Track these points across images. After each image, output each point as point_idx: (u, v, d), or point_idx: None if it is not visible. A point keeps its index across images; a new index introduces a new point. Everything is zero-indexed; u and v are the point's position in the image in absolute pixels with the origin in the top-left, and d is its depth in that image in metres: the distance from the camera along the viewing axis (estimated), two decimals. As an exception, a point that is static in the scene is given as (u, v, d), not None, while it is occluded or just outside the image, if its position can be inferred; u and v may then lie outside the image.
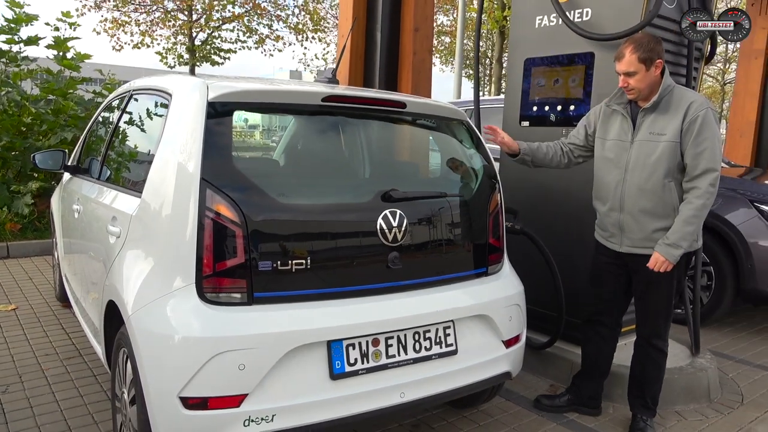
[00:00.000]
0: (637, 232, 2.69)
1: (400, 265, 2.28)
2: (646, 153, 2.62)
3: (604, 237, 2.87)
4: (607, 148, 2.78)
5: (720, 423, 3.13)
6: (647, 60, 2.55)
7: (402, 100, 2.47)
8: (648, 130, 2.63)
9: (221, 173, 2.05)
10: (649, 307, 2.82)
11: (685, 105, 2.57)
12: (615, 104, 2.78)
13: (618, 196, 2.72)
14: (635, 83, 2.59)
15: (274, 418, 2.00)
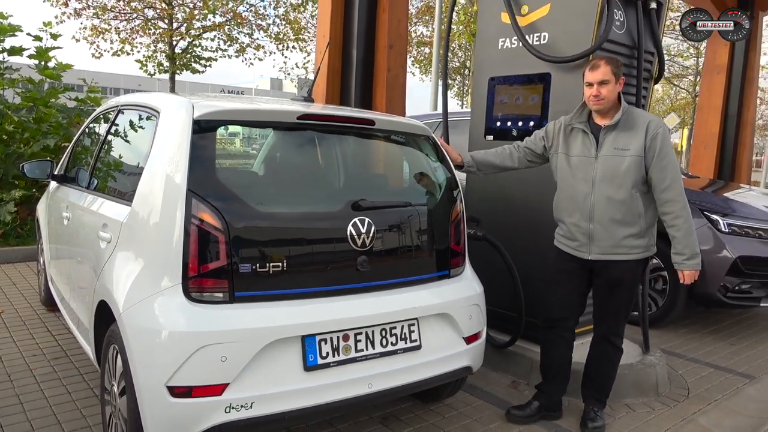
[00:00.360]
0: (607, 239, 2.89)
1: (368, 267, 2.52)
2: (613, 167, 2.84)
3: (572, 247, 3.03)
4: (573, 164, 2.98)
5: (666, 414, 3.40)
6: (616, 74, 2.83)
7: (371, 118, 2.72)
8: (612, 146, 2.86)
9: (205, 184, 2.27)
10: (612, 308, 3.04)
11: (644, 123, 2.84)
12: (576, 122, 3.00)
13: (588, 207, 2.92)
14: (606, 93, 2.82)
15: (253, 405, 2.21)
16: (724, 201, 5.13)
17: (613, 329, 3.07)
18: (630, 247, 2.90)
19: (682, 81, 28.61)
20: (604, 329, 3.09)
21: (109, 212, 2.69)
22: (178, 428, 2.15)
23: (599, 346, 3.13)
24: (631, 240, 2.88)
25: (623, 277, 2.94)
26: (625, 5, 3.62)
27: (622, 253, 2.90)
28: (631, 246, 2.90)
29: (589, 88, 2.85)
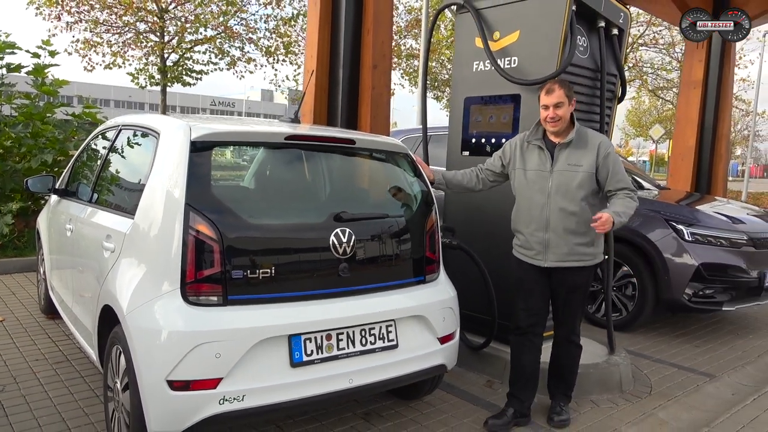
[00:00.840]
0: (562, 247, 3.14)
1: (349, 273, 2.78)
2: (566, 181, 3.11)
3: (529, 255, 3.26)
4: (530, 177, 3.24)
5: (628, 409, 3.67)
6: (569, 96, 3.12)
7: (351, 138, 2.99)
8: (566, 161, 3.13)
9: (202, 199, 2.53)
10: (569, 311, 3.32)
11: (596, 143, 3.14)
12: (533, 139, 3.27)
13: (543, 217, 3.16)
14: (562, 114, 3.10)
15: (244, 397, 2.46)
16: (689, 211, 5.44)
17: (572, 329, 3.35)
18: (582, 254, 3.16)
19: (667, 93, 29.19)
20: (564, 331, 3.36)
21: (112, 224, 2.95)
22: (178, 418, 2.40)
23: (562, 347, 3.40)
24: (583, 248, 3.15)
25: (577, 282, 3.22)
26: (588, 32, 3.93)
27: (575, 260, 3.16)
28: (582, 253, 3.16)
29: (545, 110, 3.12)
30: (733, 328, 5.71)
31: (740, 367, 4.59)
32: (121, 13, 20.32)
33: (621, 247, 5.20)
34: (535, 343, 3.35)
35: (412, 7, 24.04)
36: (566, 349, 3.39)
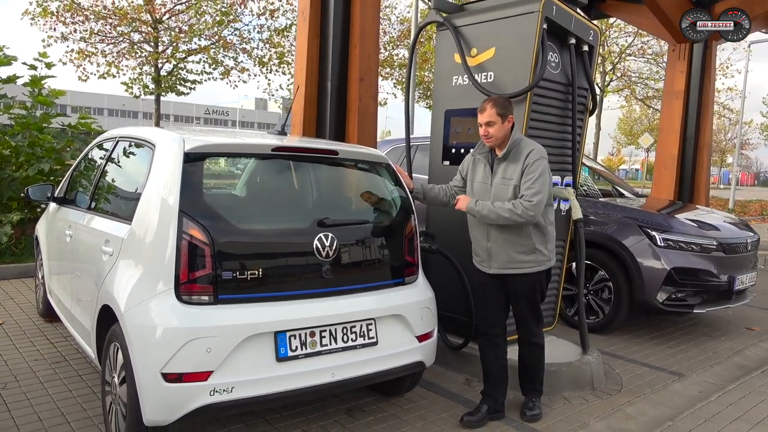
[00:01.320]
0: (503, 255, 3.35)
1: (331, 275, 2.99)
2: (501, 194, 3.30)
3: (478, 262, 3.52)
4: (475, 189, 3.46)
5: (598, 405, 3.89)
6: (503, 115, 3.27)
7: (334, 149, 3.22)
8: (501, 175, 3.32)
9: (194, 206, 2.74)
10: (522, 316, 3.53)
11: (525, 153, 3.26)
12: (478, 154, 3.50)
13: (486, 227, 3.38)
14: (494, 132, 3.28)
15: (233, 389, 2.66)
16: (662, 218, 5.68)
17: (530, 331, 3.55)
18: (521, 262, 3.34)
19: (657, 102, 29.63)
20: (522, 333, 3.58)
21: (110, 230, 3.15)
22: (171, 408, 2.60)
23: (524, 347, 3.61)
24: (522, 256, 3.33)
25: (522, 288, 3.41)
26: (560, 48, 4.18)
27: (515, 267, 3.35)
28: (522, 261, 3.34)
29: (480, 128, 3.33)
30: (706, 330, 5.94)
31: (709, 366, 4.81)
32: (115, 24, 20.53)
33: (597, 253, 5.45)
34: (497, 344, 3.54)
35: (405, 18, 24.40)
36: (528, 349, 3.60)
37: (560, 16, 4.01)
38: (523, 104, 3.97)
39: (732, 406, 3.92)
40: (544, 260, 3.40)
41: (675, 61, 10.60)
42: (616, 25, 21.80)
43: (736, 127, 36.19)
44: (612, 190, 7.01)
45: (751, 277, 5.83)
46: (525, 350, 3.61)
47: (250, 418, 3.38)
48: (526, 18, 3.92)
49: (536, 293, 3.47)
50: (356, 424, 3.41)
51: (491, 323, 3.54)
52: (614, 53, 23.76)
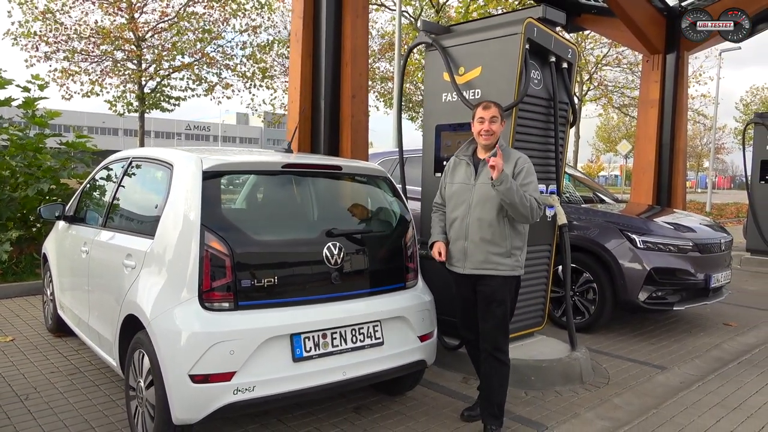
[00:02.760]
0: (478, 255, 3.34)
1: (340, 281, 3.24)
2: (486, 192, 3.31)
3: (452, 263, 3.49)
4: (455, 190, 3.47)
5: (587, 396, 4.16)
6: (502, 116, 3.42)
7: (338, 165, 3.49)
8: (488, 175, 3.25)
9: (214, 220, 2.98)
10: (489, 324, 3.39)
11: (514, 158, 3.39)
12: (462, 155, 3.53)
13: (464, 227, 3.39)
14: (496, 128, 3.37)
15: (255, 388, 2.89)
16: (641, 222, 6.00)
17: (496, 345, 3.39)
18: (497, 264, 3.34)
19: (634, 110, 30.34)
20: (488, 345, 3.40)
21: (131, 245, 3.37)
22: (198, 407, 2.82)
23: (488, 363, 3.42)
24: (498, 258, 3.34)
25: (495, 292, 3.35)
26: (541, 66, 4.49)
27: (491, 268, 3.34)
28: (497, 263, 3.34)
29: (481, 123, 3.37)
30: (687, 327, 6.26)
31: (690, 360, 5.12)
32: (98, 43, 20.64)
33: (582, 256, 5.75)
34: (478, 349, 3.51)
35: (386, 32, 24.86)
36: (491, 366, 3.40)
37: (541, 37, 4.32)
38: (509, 118, 4.25)
39: (711, 395, 4.22)
40: (518, 266, 3.41)
41: (649, 72, 11.03)
42: (591, 36, 22.42)
43: (710, 132, 37.14)
44: (593, 197, 7.34)
45: (726, 276, 6.18)
46: (489, 368, 3.41)
47: (265, 418, 3.59)
48: (509, 39, 4.23)
49: (507, 299, 3.40)
50: (364, 421, 3.64)
51: (471, 327, 3.56)
52: (590, 63, 24.39)
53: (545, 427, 3.60)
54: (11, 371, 4.32)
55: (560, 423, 3.67)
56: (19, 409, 3.65)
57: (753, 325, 6.40)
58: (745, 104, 43.41)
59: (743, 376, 4.65)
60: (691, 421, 3.74)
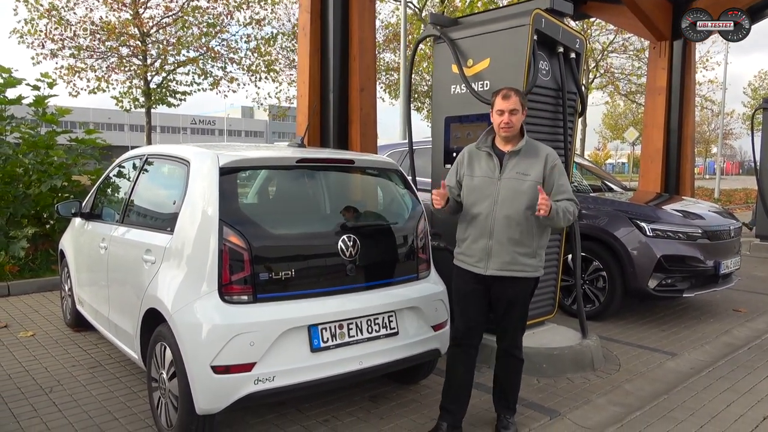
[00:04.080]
0: (504, 256, 3.12)
1: (355, 273, 3.31)
2: (513, 188, 3.11)
3: (470, 263, 3.23)
4: (476, 184, 3.21)
5: (598, 383, 4.22)
6: (524, 105, 3.19)
7: (351, 158, 3.54)
8: (514, 170, 3.14)
9: (232, 215, 3.05)
10: (510, 325, 3.28)
11: (544, 154, 3.19)
12: (483, 146, 3.27)
13: (488, 225, 3.14)
14: (516, 120, 3.14)
15: (275, 378, 2.96)
16: (650, 210, 6.04)
17: (514, 343, 3.31)
18: (523, 265, 3.15)
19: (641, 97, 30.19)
20: (506, 344, 3.32)
21: (151, 240, 3.45)
22: (221, 397, 2.89)
23: (504, 360, 3.36)
24: (524, 258, 3.14)
25: (518, 294, 3.20)
26: (549, 56, 4.52)
27: (517, 270, 3.14)
28: (524, 264, 3.15)
29: (501, 115, 3.15)
30: (697, 313, 6.30)
31: (699, 346, 5.17)
32: (104, 39, 20.71)
33: (591, 244, 5.79)
34: (469, 355, 3.33)
35: (389, 23, 24.81)
36: (507, 363, 3.36)
37: (549, 28, 4.35)
38: (518, 109, 4.29)
39: (721, 380, 4.28)
40: (541, 266, 3.25)
41: (656, 59, 10.98)
42: (597, 23, 22.30)
43: (718, 118, 36.92)
44: (601, 185, 7.38)
45: (735, 262, 6.21)
46: (506, 365, 3.36)
47: (283, 407, 3.67)
48: (518, 31, 4.26)
49: (529, 301, 3.30)
50: (381, 409, 3.72)
51: (472, 333, 3.33)
52: (596, 50, 24.26)
53: (558, 413, 3.66)
54: (34, 365, 4.43)
55: (573, 409, 3.74)
56: (45, 402, 3.75)
57: (763, 310, 6.43)
58: (753, 89, 43.09)
59: (753, 362, 4.70)
60: (702, 406, 3.80)
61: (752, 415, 3.69)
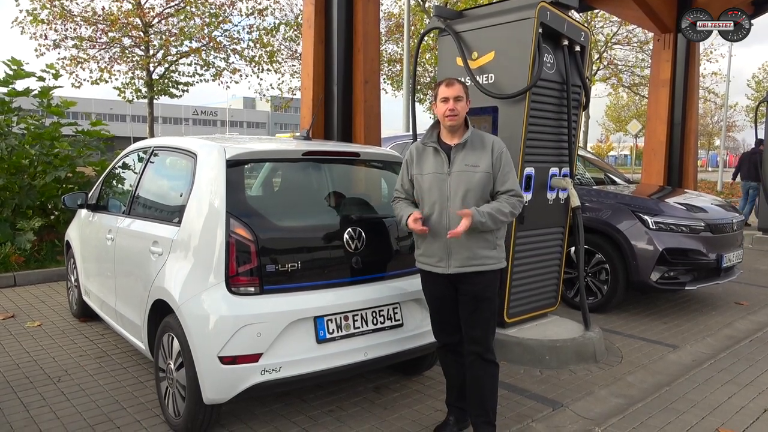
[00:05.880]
0: (464, 251, 2.97)
1: (360, 265, 3.33)
2: (465, 181, 2.96)
3: (431, 263, 3.07)
4: (427, 181, 3.04)
5: (600, 375, 4.26)
6: (467, 94, 3.05)
7: (357, 151, 3.57)
8: (463, 162, 2.98)
9: (239, 207, 3.07)
10: (479, 324, 3.04)
11: (489, 143, 3.03)
12: (429, 142, 3.09)
13: (443, 222, 2.98)
14: (461, 109, 2.98)
15: (281, 369, 3.00)
16: (653, 203, 6.05)
17: (486, 345, 3.06)
18: (485, 258, 3.00)
19: (644, 89, 30.08)
20: (476, 347, 3.06)
21: (158, 232, 3.47)
22: (228, 388, 2.93)
23: (476, 365, 3.08)
24: (485, 251, 2.99)
25: (482, 290, 3.02)
26: (554, 49, 4.52)
27: (478, 264, 2.99)
28: (485, 257, 3.00)
29: (445, 102, 2.98)
30: (699, 306, 6.33)
31: (701, 338, 5.20)
32: (106, 30, 20.68)
33: (594, 237, 5.82)
34: (460, 353, 3.20)
35: (391, 13, 24.71)
36: (481, 368, 3.07)
37: (554, 21, 4.35)
38: (523, 102, 4.31)
39: (723, 372, 4.31)
40: (502, 257, 3.09)
41: (660, 51, 10.94)
42: (602, 15, 22.19)
43: (722, 110, 36.78)
44: (604, 178, 7.39)
45: (737, 255, 6.23)
46: (477, 370, 3.08)
47: (289, 397, 3.71)
48: (523, 23, 4.26)
49: (495, 295, 3.09)
50: (385, 399, 3.76)
51: (449, 331, 3.21)
52: (600, 42, 24.17)
53: (560, 405, 3.70)
54: (42, 355, 4.47)
55: (575, 400, 3.77)
56: (53, 391, 3.80)
57: (764, 303, 6.46)
58: (757, 81, 42.89)
59: (755, 354, 4.73)
60: (704, 398, 3.83)
61: (753, 407, 3.73)
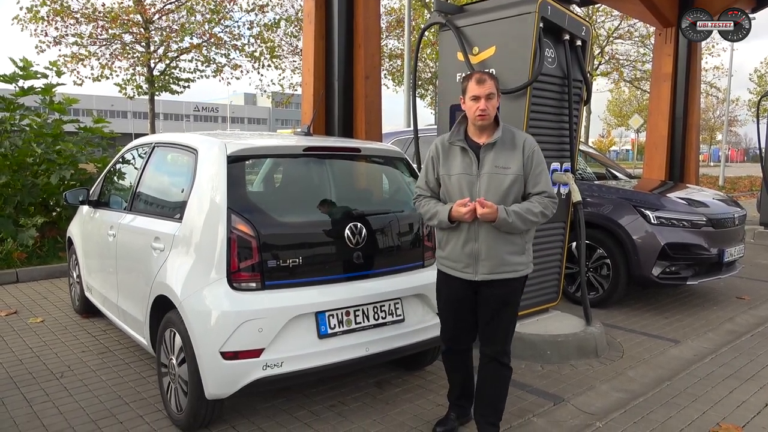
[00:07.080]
0: (493, 258, 2.84)
1: (362, 260, 3.34)
2: (495, 184, 2.82)
3: (457, 269, 2.95)
4: (455, 183, 2.90)
5: (602, 370, 4.26)
6: (499, 90, 2.91)
7: (358, 147, 3.56)
8: (493, 163, 2.83)
9: (240, 203, 3.08)
10: (500, 329, 2.97)
11: (520, 142, 2.88)
12: (456, 140, 2.93)
13: (473, 227, 2.85)
14: (492, 107, 2.82)
15: (282, 364, 3.01)
16: (654, 197, 6.05)
17: (503, 349, 3.00)
18: (514, 264, 2.89)
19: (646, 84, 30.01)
20: (493, 350, 2.99)
21: (159, 228, 3.48)
22: (230, 382, 2.94)
23: (490, 368, 3.02)
24: (514, 257, 2.89)
25: (507, 296, 2.93)
26: (555, 44, 4.51)
27: (508, 271, 2.88)
28: (515, 263, 2.89)
29: (476, 101, 2.83)
30: (700, 301, 6.33)
31: (703, 333, 5.20)
32: (107, 26, 20.65)
33: (595, 232, 5.81)
34: (463, 360, 3.21)
35: (392, 8, 24.66)
36: (495, 371, 3.02)
37: (555, 15, 4.34)
38: (524, 97, 4.30)
39: (724, 367, 4.31)
40: (530, 262, 3.00)
41: (662, 45, 10.91)
42: (603, 9, 22.13)
43: (723, 104, 36.70)
44: (606, 173, 7.38)
45: (739, 250, 6.23)
46: (492, 372, 3.02)
47: (291, 393, 3.73)
48: (523, 18, 4.25)
49: (519, 300, 3.03)
50: (387, 394, 3.77)
51: (462, 340, 3.13)
52: (602, 36, 24.11)
53: (562, 399, 3.71)
54: (44, 350, 4.49)
55: (576, 395, 3.78)
56: (56, 386, 3.82)
57: (766, 298, 6.46)
58: (759, 76, 42.77)
59: (756, 349, 4.73)
60: (705, 392, 3.84)
61: (754, 401, 3.73)
